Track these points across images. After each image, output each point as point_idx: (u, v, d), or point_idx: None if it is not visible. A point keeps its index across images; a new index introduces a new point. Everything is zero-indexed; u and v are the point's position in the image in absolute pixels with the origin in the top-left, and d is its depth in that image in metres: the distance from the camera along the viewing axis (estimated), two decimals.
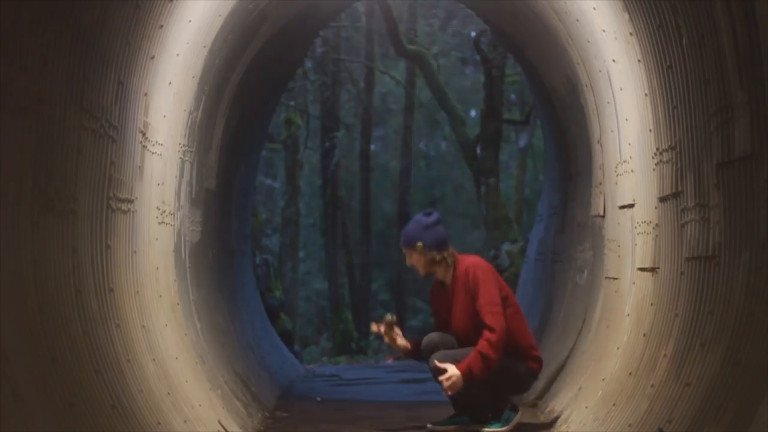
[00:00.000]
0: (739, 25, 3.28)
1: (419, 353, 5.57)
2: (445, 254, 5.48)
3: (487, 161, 14.18)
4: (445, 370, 5.19)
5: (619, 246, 5.41)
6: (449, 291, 5.49)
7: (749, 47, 3.22)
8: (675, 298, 4.12)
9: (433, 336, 5.50)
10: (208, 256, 6.64)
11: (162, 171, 4.92)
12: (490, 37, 13.96)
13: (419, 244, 5.46)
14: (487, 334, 5.18)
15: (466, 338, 5.38)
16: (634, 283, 4.95)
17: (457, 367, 5.16)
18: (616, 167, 5.45)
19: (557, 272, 7.81)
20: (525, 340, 5.43)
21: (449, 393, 5.25)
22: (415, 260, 5.52)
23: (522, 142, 21.13)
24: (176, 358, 4.81)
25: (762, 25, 3.11)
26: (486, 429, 5.38)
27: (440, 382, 5.21)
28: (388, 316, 5.62)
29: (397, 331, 5.59)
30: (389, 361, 14.45)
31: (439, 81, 15.89)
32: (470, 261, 5.46)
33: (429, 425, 5.51)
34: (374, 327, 5.67)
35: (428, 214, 5.59)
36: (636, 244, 4.93)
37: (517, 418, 5.40)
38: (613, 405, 4.59)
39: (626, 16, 4.62)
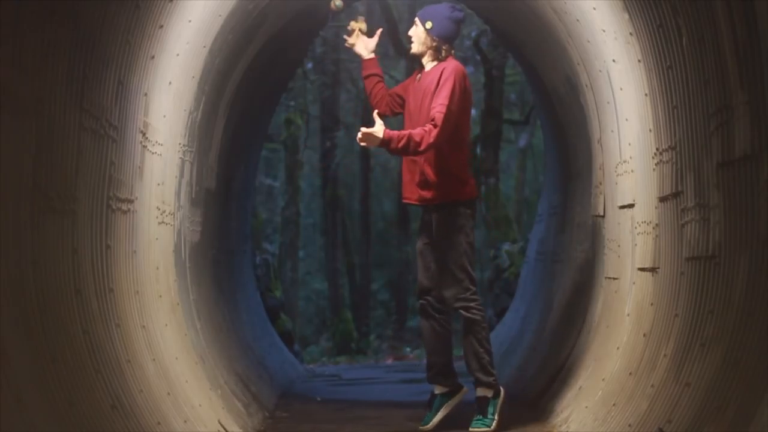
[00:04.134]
0: (739, 25, 3.28)
1: (372, 73, 5.77)
2: (443, 47, 5.56)
3: (487, 161, 14.18)
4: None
5: (619, 246, 5.41)
6: (420, 77, 5.58)
7: (749, 47, 3.22)
8: (675, 298, 4.12)
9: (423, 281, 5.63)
10: (208, 256, 6.63)
11: (162, 171, 4.92)
12: (490, 37, 13.95)
13: (429, 23, 5.55)
14: (429, 126, 5.24)
15: (414, 119, 5.49)
16: (634, 283, 4.95)
17: (384, 131, 5.22)
18: (616, 167, 5.45)
19: (557, 272, 7.80)
20: (459, 162, 5.48)
21: (362, 144, 5.28)
22: (416, 34, 5.61)
23: (522, 142, 21.12)
24: (176, 358, 4.81)
25: (762, 25, 3.11)
26: (473, 429, 5.42)
27: (361, 134, 5.25)
28: (355, 23, 5.80)
29: (363, 28, 5.82)
30: (389, 361, 14.45)
31: None
32: (454, 64, 5.52)
33: (420, 427, 5.55)
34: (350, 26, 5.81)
35: (458, 10, 5.66)
36: (636, 244, 4.93)
37: (500, 400, 5.49)
38: (613, 405, 4.59)
39: (626, 16, 4.62)
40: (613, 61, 5.16)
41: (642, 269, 4.78)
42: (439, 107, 5.28)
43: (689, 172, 4.00)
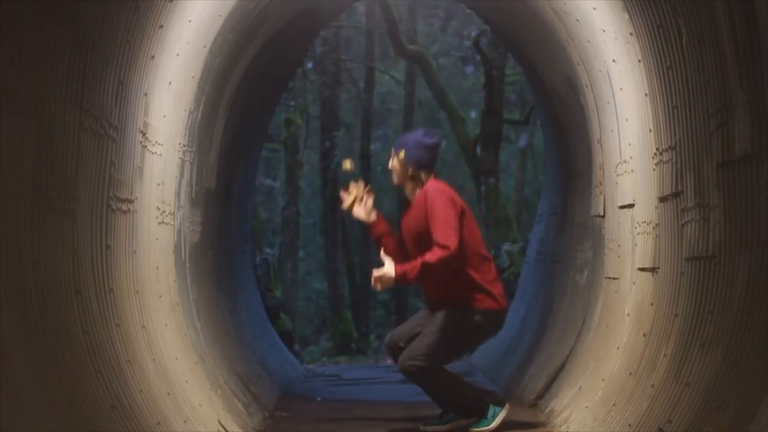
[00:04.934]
0: (739, 25, 3.28)
1: (379, 233, 5.69)
2: (421, 174, 5.54)
3: (487, 161, 14.18)
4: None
5: (619, 246, 5.41)
6: (409, 207, 5.57)
7: (749, 47, 3.22)
8: (675, 298, 4.12)
9: (395, 333, 5.63)
10: (208, 256, 6.63)
11: (162, 171, 4.92)
12: (490, 37, 13.96)
13: (402, 152, 5.56)
14: (437, 249, 5.20)
15: (412, 253, 5.47)
16: (634, 283, 4.95)
17: (395, 267, 5.20)
18: (616, 167, 5.45)
19: (557, 272, 7.80)
20: (474, 273, 5.42)
21: (378, 288, 5.27)
22: (393, 166, 5.62)
23: (522, 142, 21.14)
24: (176, 358, 4.81)
25: (762, 25, 3.11)
26: (473, 429, 5.41)
27: (373, 277, 5.23)
28: (347, 165, 5.75)
29: (361, 194, 5.74)
30: (389, 361, 14.45)
31: (439, 81, 15.89)
32: (435, 184, 5.49)
33: (421, 427, 5.54)
34: (343, 193, 5.77)
35: (430, 135, 5.63)
36: (636, 244, 4.93)
37: (504, 412, 5.43)
38: (613, 405, 4.59)
39: (626, 16, 4.62)
40: (613, 61, 5.16)
41: (642, 269, 4.78)
42: (438, 231, 5.23)
43: (689, 172, 4.00)
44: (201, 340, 5.69)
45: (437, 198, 5.36)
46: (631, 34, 4.64)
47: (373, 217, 5.75)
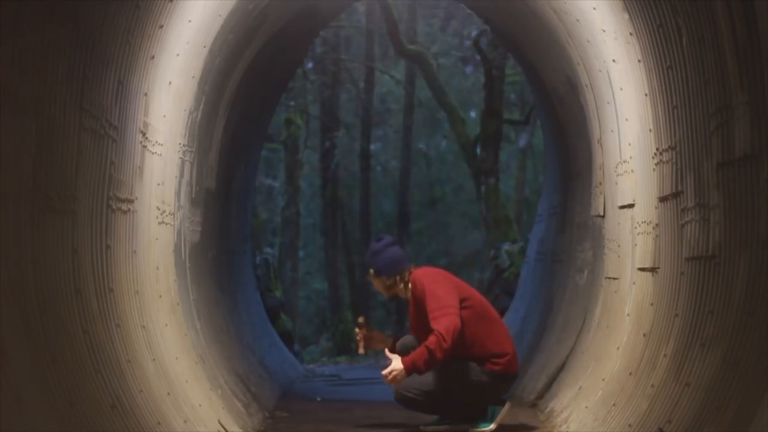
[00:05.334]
0: (739, 25, 3.28)
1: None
2: (398, 277, 5.54)
3: (487, 161, 14.18)
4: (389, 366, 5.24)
5: (619, 246, 5.41)
6: (409, 303, 5.58)
7: (749, 47, 3.22)
8: (675, 298, 4.12)
9: (406, 339, 5.61)
10: (208, 256, 6.63)
11: (162, 171, 4.92)
12: (490, 37, 13.96)
13: (371, 271, 5.60)
14: (432, 336, 5.16)
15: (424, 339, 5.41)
16: (634, 283, 4.95)
17: (402, 360, 5.20)
18: (616, 167, 5.45)
19: (557, 272, 7.81)
20: (482, 346, 5.39)
21: (391, 385, 5.29)
22: (376, 285, 5.67)
23: (522, 142, 21.13)
24: (176, 358, 4.82)
25: (762, 25, 3.11)
26: (473, 430, 5.42)
27: (383, 376, 5.25)
28: (361, 319, 5.79)
29: (372, 333, 5.73)
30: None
31: (439, 81, 15.89)
32: (418, 273, 5.49)
33: (421, 427, 5.54)
34: (358, 335, 5.77)
35: (378, 240, 5.69)
36: (636, 244, 4.93)
37: (504, 411, 5.43)
38: (613, 405, 4.59)
39: (626, 16, 4.62)
40: (613, 61, 5.16)
41: (642, 269, 4.78)
42: (433, 317, 5.22)
43: (689, 172, 3.99)
44: (201, 340, 5.69)
45: (425, 281, 5.38)
46: (631, 34, 4.63)
47: (389, 344, 5.72)
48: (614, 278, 5.52)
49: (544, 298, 8.11)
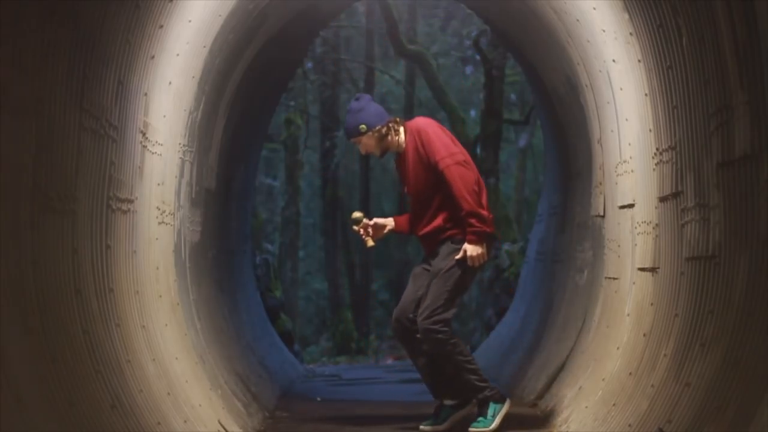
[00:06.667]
0: (739, 25, 3.28)
1: (405, 227, 5.67)
2: (390, 124, 5.50)
3: (487, 161, 14.19)
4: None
5: (619, 246, 5.41)
6: (404, 157, 5.52)
7: (749, 47, 3.22)
8: (675, 298, 4.12)
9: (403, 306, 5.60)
10: (208, 256, 6.63)
11: (162, 171, 4.92)
12: (490, 37, 13.96)
13: (362, 126, 5.48)
14: (453, 167, 5.26)
15: (422, 197, 5.45)
16: (634, 283, 4.95)
17: (468, 240, 5.28)
18: (616, 167, 5.45)
19: (557, 272, 7.80)
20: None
21: (480, 262, 5.34)
22: (367, 145, 5.54)
23: (522, 142, 21.13)
24: (176, 358, 4.81)
25: (762, 25, 3.11)
26: (473, 429, 5.39)
27: (469, 260, 5.29)
28: (356, 215, 5.69)
29: (372, 223, 5.67)
30: (389, 361, 14.46)
31: (439, 81, 15.89)
32: (416, 123, 5.48)
33: (421, 426, 5.54)
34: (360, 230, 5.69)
35: (358, 99, 5.61)
36: (636, 244, 4.93)
37: (504, 410, 5.42)
38: (613, 405, 4.59)
39: (626, 16, 4.62)
40: (613, 61, 5.16)
41: (642, 269, 4.78)
42: (444, 163, 5.27)
43: (689, 172, 3.99)
44: (201, 340, 5.69)
45: (429, 130, 5.38)
46: (631, 34, 4.63)
47: (392, 223, 5.72)
48: (614, 278, 5.52)
49: (544, 298, 8.11)
